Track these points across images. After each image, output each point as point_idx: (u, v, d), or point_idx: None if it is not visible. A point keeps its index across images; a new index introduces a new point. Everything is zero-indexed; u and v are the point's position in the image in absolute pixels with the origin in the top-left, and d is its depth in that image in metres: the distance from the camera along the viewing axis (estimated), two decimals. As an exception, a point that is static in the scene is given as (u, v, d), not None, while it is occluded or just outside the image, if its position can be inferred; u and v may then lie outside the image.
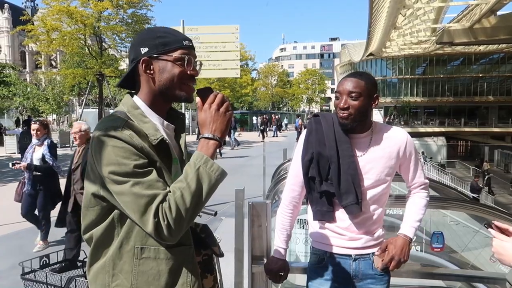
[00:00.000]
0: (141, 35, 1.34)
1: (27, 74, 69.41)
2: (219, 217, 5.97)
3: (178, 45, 1.28)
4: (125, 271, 1.24)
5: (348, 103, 1.64)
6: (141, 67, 1.28)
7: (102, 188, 1.21)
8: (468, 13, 27.65)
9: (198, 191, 1.16)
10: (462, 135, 47.20)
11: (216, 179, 1.20)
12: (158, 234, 1.14)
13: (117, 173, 1.14)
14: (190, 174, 1.17)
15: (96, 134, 1.20)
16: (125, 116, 1.26)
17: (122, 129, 1.19)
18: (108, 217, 1.24)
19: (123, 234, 1.23)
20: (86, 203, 1.28)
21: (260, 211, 1.99)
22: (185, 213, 1.15)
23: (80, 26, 18.90)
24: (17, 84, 28.28)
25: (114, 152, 1.15)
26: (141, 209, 1.13)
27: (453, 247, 4.91)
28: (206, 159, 1.20)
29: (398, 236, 1.74)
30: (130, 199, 1.14)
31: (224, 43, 10.19)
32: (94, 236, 1.27)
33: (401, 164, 1.76)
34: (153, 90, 1.30)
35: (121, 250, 1.24)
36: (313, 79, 68.46)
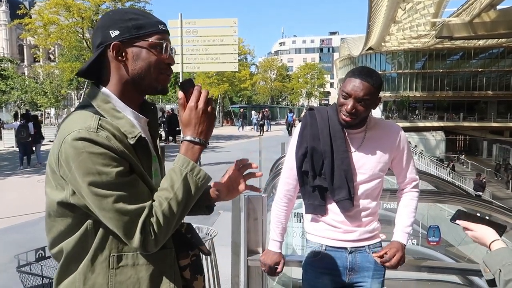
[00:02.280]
0: (109, 16, 1.16)
1: (25, 67, 69.07)
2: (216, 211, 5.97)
3: (153, 29, 1.14)
4: (98, 284, 1.10)
5: (355, 107, 1.61)
6: (111, 52, 1.12)
7: (71, 195, 1.06)
8: (468, 7, 27.55)
9: (185, 200, 1.09)
10: (461, 130, 47.25)
11: (202, 186, 1.12)
12: (144, 249, 1.05)
13: (98, 185, 1.01)
14: (177, 183, 1.08)
15: (67, 137, 1.03)
16: (95, 112, 1.10)
17: (97, 131, 1.03)
18: (80, 227, 1.10)
19: (97, 244, 1.10)
20: (51, 213, 1.12)
21: (256, 205, 1.99)
22: (172, 224, 1.08)
23: (77, 19, 18.83)
24: (15, 78, 28.12)
25: (92, 160, 1.00)
26: (126, 226, 1.03)
27: (450, 241, 4.93)
28: (193, 166, 1.11)
29: (393, 243, 1.76)
30: (113, 215, 1.02)
31: (222, 37, 10.14)
32: (64, 250, 1.12)
33: (393, 158, 1.76)
34: (124, 80, 1.15)
35: (94, 262, 1.10)
36: (312, 74, 68.27)
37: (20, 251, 2.49)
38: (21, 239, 5.40)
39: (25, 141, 11.92)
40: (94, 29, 1.20)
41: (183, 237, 1.27)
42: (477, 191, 18.18)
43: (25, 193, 8.54)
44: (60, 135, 1.07)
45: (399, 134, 1.74)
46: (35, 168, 11.90)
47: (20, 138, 12.01)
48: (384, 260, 1.70)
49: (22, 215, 6.54)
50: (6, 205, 7.48)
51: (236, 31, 10.07)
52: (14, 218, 6.24)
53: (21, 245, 4.93)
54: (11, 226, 6.00)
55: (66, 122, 1.10)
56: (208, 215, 1.43)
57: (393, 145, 1.73)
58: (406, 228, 1.79)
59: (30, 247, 2.52)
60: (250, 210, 2.00)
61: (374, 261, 1.75)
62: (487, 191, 21.95)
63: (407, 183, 1.84)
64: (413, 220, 1.82)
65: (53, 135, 20.23)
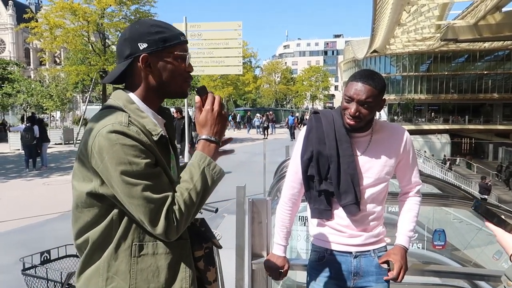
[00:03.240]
0: (136, 29, 1.26)
1: (31, 71, 69.65)
2: (221, 214, 5.98)
3: (177, 41, 1.25)
4: (121, 271, 1.19)
5: (359, 110, 1.60)
6: (140, 63, 1.22)
7: (101, 185, 1.15)
8: (473, 9, 27.47)
9: (202, 192, 1.19)
10: (466, 133, 47.00)
11: (217, 179, 1.23)
12: (167, 235, 1.14)
13: (129, 174, 1.11)
14: (196, 175, 1.19)
15: (102, 130, 1.13)
16: (123, 111, 1.21)
17: (128, 125, 1.15)
18: (107, 217, 1.19)
19: (120, 233, 1.19)
20: (80, 204, 1.21)
21: (260, 208, 1.99)
22: (192, 212, 1.18)
23: (83, 23, 18.93)
24: (21, 81, 28.35)
25: (124, 151, 1.11)
26: (152, 213, 1.12)
27: (456, 245, 4.90)
28: (210, 161, 1.22)
29: (396, 247, 1.74)
30: (141, 202, 1.11)
31: (226, 40, 10.15)
32: (90, 239, 1.20)
33: (399, 161, 1.75)
34: (150, 87, 1.26)
35: (117, 250, 1.19)
36: (316, 76, 68.20)
37: (25, 253, 2.50)
38: (26, 241, 5.43)
39: (30, 144, 12.00)
40: (120, 40, 1.29)
41: (197, 230, 1.39)
42: (483, 194, 18.02)
43: (31, 195, 8.58)
44: (93, 130, 1.16)
45: (405, 137, 1.73)
46: (40, 171, 11.97)
47: (25, 141, 12.09)
48: (393, 279, 1.68)
49: (27, 218, 6.58)
50: (11, 208, 7.53)
51: (240, 34, 10.08)
52: (19, 221, 6.27)
53: (26, 248, 4.96)
54: (17, 229, 6.03)
55: (96, 118, 1.20)
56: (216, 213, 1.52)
57: (399, 148, 1.72)
58: (409, 233, 1.77)
59: (35, 250, 2.53)
60: (254, 214, 2.00)
61: (378, 265, 1.74)
62: (493, 194, 21.78)
63: (411, 188, 1.82)
64: (415, 225, 1.81)
65: (58, 138, 20.41)
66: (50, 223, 6.31)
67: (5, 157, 15.96)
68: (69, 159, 14.76)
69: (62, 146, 19.66)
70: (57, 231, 5.83)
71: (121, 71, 1.25)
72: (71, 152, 17.22)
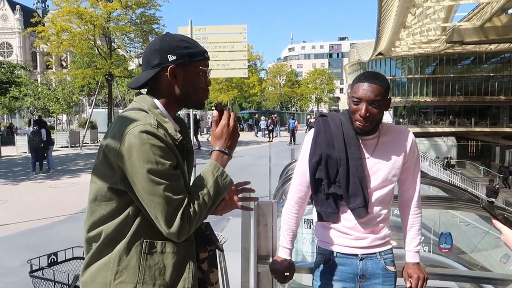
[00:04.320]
0: (167, 42, 1.35)
1: (38, 74, 70.27)
2: (226, 216, 5.97)
3: (202, 57, 1.37)
4: (131, 266, 1.25)
5: (369, 110, 1.60)
6: (167, 73, 1.32)
7: (121, 181, 1.22)
8: (479, 11, 27.35)
9: (214, 198, 1.29)
10: (473, 135, 46.64)
11: (227, 188, 1.34)
12: (178, 235, 1.21)
13: (154, 173, 1.18)
14: (210, 182, 1.29)
15: (133, 129, 1.21)
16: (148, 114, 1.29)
17: (157, 127, 1.23)
18: (123, 213, 1.26)
19: (134, 229, 1.25)
20: (98, 197, 1.28)
21: (265, 211, 1.99)
22: (203, 215, 1.27)
23: (89, 26, 19.05)
24: (28, 85, 28.61)
25: (153, 151, 1.19)
26: (169, 213, 1.19)
27: (462, 248, 4.87)
28: (222, 171, 1.32)
29: (408, 264, 1.77)
30: (161, 201, 1.18)
31: (232, 43, 10.17)
32: (104, 232, 1.27)
33: (404, 163, 1.74)
34: (173, 96, 1.36)
35: (129, 246, 1.25)
36: (321, 79, 68.16)
37: (32, 255, 2.52)
38: (34, 243, 5.47)
39: (38, 146, 12.10)
40: (149, 49, 1.38)
41: (203, 233, 1.47)
42: (490, 197, 17.87)
43: (37, 198, 8.64)
44: (121, 127, 1.24)
45: (411, 139, 1.74)
46: (47, 174, 12.05)
47: (32, 144, 12.19)
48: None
49: (34, 220, 6.63)
50: (18, 210, 7.58)
51: (245, 37, 10.10)
52: (26, 223, 6.31)
53: (33, 250, 4.99)
54: (24, 231, 6.07)
55: (125, 117, 1.27)
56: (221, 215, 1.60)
57: (405, 150, 1.72)
58: (416, 248, 1.79)
59: (42, 252, 2.55)
60: (260, 216, 2.00)
61: (385, 267, 1.74)
62: (500, 197, 21.58)
63: (411, 195, 1.79)
64: (421, 237, 1.83)
65: (65, 141, 20.54)
66: (57, 226, 6.35)
67: (13, 160, 16.09)
68: (76, 162, 14.85)
69: (68, 149, 19.78)
70: (64, 233, 5.87)
71: (148, 77, 1.34)
72: (78, 155, 17.33)
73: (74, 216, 6.86)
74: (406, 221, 1.81)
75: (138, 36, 20.02)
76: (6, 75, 27.84)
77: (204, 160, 13.45)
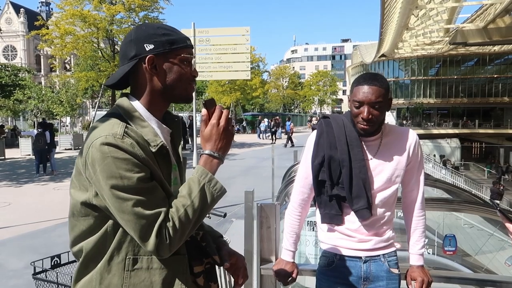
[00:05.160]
0: (143, 30, 1.22)
1: (42, 77, 70.63)
2: (229, 219, 5.97)
3: (183, 45, 1.23)
4: (113, 285, 1.15)
5: (371, 113, 1.60)
6: (146, 65, 1.19)
7: (94, 197, 1.13)
8: (482, 13, 27.26)
9: (200, 209, 1.14)
10: (477, 137, 46.44)
11: (217, 197, 1.18)
12: (158, 252, 1.09)
13: (119, 188, 1.07)
14: (195, 192, 1.14)
15: (95, 141, 1.10)
16: (122, 120, 1.17)
17: (122, 137, 1.10)
18: (101, 228, 1.16)
19: (114, 245, 1.15)
20: (75, 213, 1.18)
21: (268, 213, 1.99)
22: (187, 230, 1.12)
23: (93, 29, 19.18)
24: (32, 87, 28.80)
25: (116, 165, 1.07)
26: (143, 230, 1.07)
27: (467, 250, 4.83)
28: (210, 177, 1.17)
29: (412, 267, 1.77)
30: (131, 218, 1.07)
31: (234, 45, 10.20)
32: (84, 249, 1.18)
33: (408, 163, 1.73)
34: (155, 90, 1.22)
35: (110, 263, 1.16)
36: (324, 81, 68.21)
37: (35, 257, 2.52)
38: (37, 246, 5.48)
39: (42, 149, 12.17)
40: (125, 41, 1.25)
41: (198, 245, 1.32)
42: (495, 199, 17.76)
43: (41, 200, 8.66)
44: (88, 139, 1.13)
45: (414, 139, 1.73)
46: (50, 176, 12.10)
47: (37, 146, 12.25)
48: None
49: (38, 222, 6.64)
50: (22, 212, 7.61)
51: (248, 40, 10.13)
52: (30, 225, 6.33)
53: (37, 252, 5.00)
54: (27, 233, 6.09)
55: (93, 128, 1.17)
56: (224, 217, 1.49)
57: (408, 150, 1.71)
58: (420, 251, 1.79)
59: (45, 254, 2.55)
60: (263, 218, 1.99)
61: (388, 270, 1.73)
62: (504, 199, 21.46)
63: (414, 197, 1.78)
64: (425, 240, 1.83)
65: (68, 143, 20.63)
66: (61, 228, 6.36)
67: (16, 162, 16.17)
68: (79, 164, 14.88)
69: (72, 151, 19.85)
70: (67, 235, 5.88)
71: (125, 72, 1.21)
72: (81, 157, 17.37)
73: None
74: (410, 223, 1.80)
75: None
76: (11, 78, 28.04)
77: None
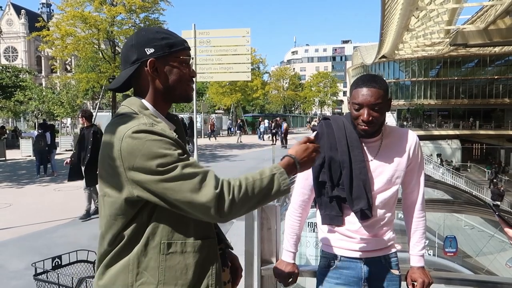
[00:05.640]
0: (143, 35, 1.30)
1: (42, 78, 70.73)
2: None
3: (182, 47, 1.31)
4: (150, 267, 1.23)
5: (371, 115, 1.60)
6: (147, 68, 1.26)
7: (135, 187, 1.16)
8: (483, 14, 27.28)
9: (265, 191, 1.21)
10: (477, 138, 46.41)
11: (283, 191, 1.25)
12: (217, 207, 1.14)
13: (165, 165, 1.13)
14: (266, 174, 1.23)
15: (126, 133, 1.15)
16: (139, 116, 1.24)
17: (152, 125, 1.18)
18: (138, 217, 1.22)
19: (150, 231, 1.22)
20: (116, 212, 1.22)
21: (269, 214, 1.99)
22: (248, 200, 1.18)
23: (93, 31, 19.19)
24: (32, 88, 28.83)
25: (156, 145, 1.14)
26: (197, 185, 1.13)
27: (468, 252, 4.84)
28: (283, 172, 1.26)
29: (413, 268, 1.77)
30: (183, 181, 1.13)
31: (235, 47, 10.22)
32: (120, 237, 1.23)
33: (408, 164, 1.74)
34: (157, 91, 1.30)
35: (146, 247, 1.23)
36: (325, 82, 68.19)
37: (36, 258, 2.53)
38: (38, 247, 5.48)
39: (43, 150, 12.19)
40: (126, 46, 1.33)
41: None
42: (495, 200, 17.74)
43: (42, 201, 8.67)
44: (113, 135, 1.18)
45: (414, 140, 1.73)
46: (51, 177, 12.11)
47: (37, 147, 12.27)
48: None
49: (39, 223, 6.65)
50: (23, 213, 7.61)
51: (248, 41, 10.15)
52: (31, 226, 6.33)
53: (38, 253, 5.01)
54: (28, 234, 6.09)
55: (115, 124, 1.22)
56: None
57: (408, 151, 1.71)
58: (420, 252, 1.79)
59: (46, 255, 2.56)
60: (263, 220, 2.00)
61: (389, 271, 1.73)
62: (505, 200, 21.45)
63: (414, 198, 1.78)
64: (425, 241, 1.82)
65: (69, 144, 20.63)
66: (62, 229, 6.37)
67: (17, 163, 16.18)
68: (80, 165, 14.88)
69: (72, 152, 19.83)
70: (68, 237, 5.89)
71: (128, 75, 1.28)
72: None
73: (78, 220, 6.88)
74: (410, 224, 1.80)
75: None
76: (12, 79, 28.07)
77: (206, 164, 13.45)
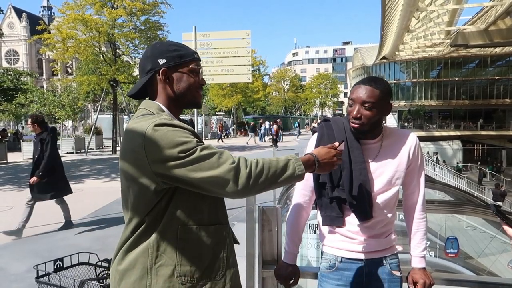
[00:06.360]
0: (157, 48, 1.46)
1: (43, 81, 70.92)
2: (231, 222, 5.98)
3: (191, 58, 1.45)
4: (168, 250, 1.33)
5: (361, 112, 1.62)
6: (160, 76, 1.41)
7: (159, 176, 1.27)
8: (483, 15, 27.29)
9: (280, 172, 1.31)
10: (479, 139, 46.34)
11: (297, 175, 1.34)
12: (235, 179, 1.23)
13: (185, 150, 1.24)
14: (282, 158, 1.34)
15: (147, 128, 1.26)
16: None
17: (171, 119, 1.31)
18: (158, 205, 1.33)
19: (168, 216, 1.33)
20: (140, 201, 1.33)
21: (270, 216, 1.99)
22: (264, 177, 1.28)
23: (94, 33, 19.20)
24: (34, 91, 28.87)
25: (176, 134, 1.25)
26: (215, 163, 1.24)
27: (469, 253, 4.82)
28: (298, 159, 1.36)
29: (414, 270, 1.77)
30: (203, 161, 1.23)
31: (235, 49, 10.25)
32: (144, 222, 1.34)
33: (408, 166, 1.74)
34: (170, 97, 1.44)
35: (165, 232, 1.33)
36: (325, 83, 68.26)
37: (38, 261, 2.53)
38: (40, 249, 5.49)
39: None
40: (143, 58, 1.49)
41: None
42: (497, 201, 17.69)
43: (43, 203, 8.67)
44: (135, 131, 1.30)
45: (414, 142, 1.73)
46: (52, 180, 12.09)
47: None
48: None
49: (40, 226, 6.65)
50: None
51: (249, 43, 10.18)
52: (32, 229, 6.33)
53: (39, 256, 5.01)
54: (30, 237, 6.10)
55: (135, 122, 1.34)
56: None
57: (408, 153, 1.72)
58: (422, 253, 1.78)
59: (48, 258, 2.56)
60: (264, 221, 2.00)
61: (390, 272, 1.73)
62: (507, 201, 21.39)
63: (415, 199, 1.78)
64: (426, 242, 1.82)
65: (70, 147, 20.66)
66: (63, 232, 6.37)
67: (19, 166, 16.21)
68: (81, 168, 14.92)
69: (74, 155, 19.88)
70: (70, 239, 5.89)
71: (143, 83, 1.44)
72: (83, 161, 17.40)
73: (79, 222, 6.88)
74: (411, 225, 1.80)
75: (142, 42, 20.14)
76: (13, 82, 28.14)
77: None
